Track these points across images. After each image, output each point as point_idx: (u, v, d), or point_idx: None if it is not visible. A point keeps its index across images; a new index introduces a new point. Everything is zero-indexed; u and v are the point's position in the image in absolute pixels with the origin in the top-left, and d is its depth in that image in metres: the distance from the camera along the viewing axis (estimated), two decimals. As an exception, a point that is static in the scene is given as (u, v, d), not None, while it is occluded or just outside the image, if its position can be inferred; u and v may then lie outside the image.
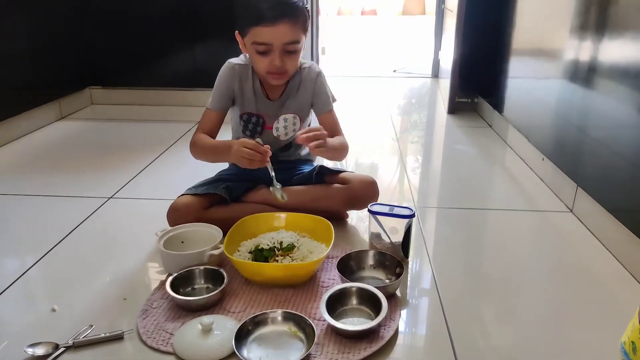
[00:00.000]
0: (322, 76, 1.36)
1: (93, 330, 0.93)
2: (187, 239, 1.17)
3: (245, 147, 1.13)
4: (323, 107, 1.37)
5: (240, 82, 1.31)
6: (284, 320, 0.93)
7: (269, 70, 1.21)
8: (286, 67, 1.21)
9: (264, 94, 1.32)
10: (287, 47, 1.18)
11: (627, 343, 0.79)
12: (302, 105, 1.35)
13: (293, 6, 1.17)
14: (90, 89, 2.62)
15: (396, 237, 1.15)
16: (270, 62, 1.19)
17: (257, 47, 1.18)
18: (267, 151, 1.14)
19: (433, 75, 3.44)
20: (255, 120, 1.34)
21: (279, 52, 1.18)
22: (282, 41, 1.17)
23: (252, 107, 1.33)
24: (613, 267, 1.17)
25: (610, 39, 1.28)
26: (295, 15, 1.16)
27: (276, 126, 1.35)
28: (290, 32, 1.17)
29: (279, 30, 1.15)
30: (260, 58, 1.20)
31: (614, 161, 1.23)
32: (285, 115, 1.34)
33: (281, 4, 1.15)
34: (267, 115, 1.34)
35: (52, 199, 1.52)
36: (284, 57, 1.19)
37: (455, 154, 2.00)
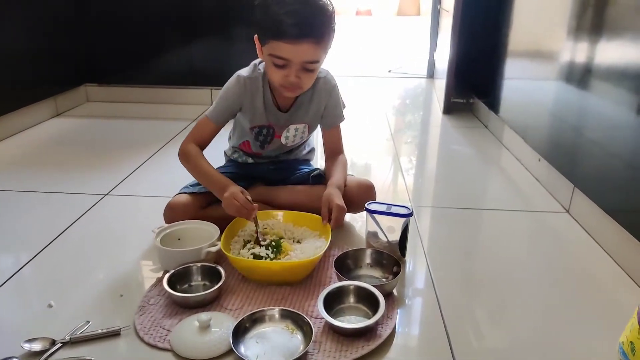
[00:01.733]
0: (337, 89, 1.32)
1: (90, 326, 0.93)
2: (184, 236, 1.17)
3: (235, 199, 1.10)
4: (332, 122, 1.35)
5: (251, 96, 1.25)
6: (281, 317, 0.93)
7: (283, 84, 1.16)
8: (302, 83, 1.16)
9: (275, 105, 1.27)
10: (306, 66, 1.12)
11: (626, 343, 0.80)
12: (313, 117, 1.32)
13: (318, 26, 1.09)
14: (86, 86, 2.61)
15: (393, 235, 1.16)
16: (285, 76, 1.13)
17: (274, 60, 1.12)
18: (254, 208, 1.11)
19: (428, 75, 3.45)
20: (266, 131, 1.31)
21: (296, 68, 1.12)
22: (302, 59, 1.11)
23: (262, 120, 1.29)
24: (609, 268, 1.18)
25: (607, 41, 1.29)
26: (319, 35, 1.09)
27: (286, 135, 1.32)
28: (311, 52, 1.10)
29: (301, 48, 1.08)
30: (276, 70, 1.14)
31: (611, 162, 1.24)
32: (296, 125, 1.32)
33: (307, 24, 1.07)
34: (278, 125, 1.30)
35: (48, 195, 1.51)
36: (301, 73, 1.13)
37: (450, 154, 2.01)
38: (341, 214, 1.17)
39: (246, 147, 1.37)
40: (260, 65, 1.27)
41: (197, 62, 2.53)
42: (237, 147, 1.40)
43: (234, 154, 1.45)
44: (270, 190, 1.35)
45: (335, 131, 1.37)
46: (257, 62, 1.28)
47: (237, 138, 1.39)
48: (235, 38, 2.47)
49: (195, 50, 2.51)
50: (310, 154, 1.50)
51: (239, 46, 2.47)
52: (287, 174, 1.38)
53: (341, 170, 1.32)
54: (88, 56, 2.54)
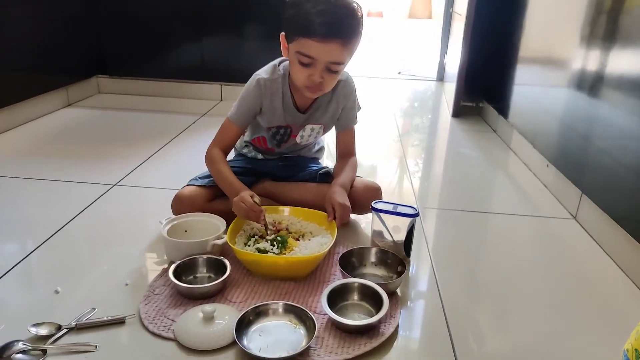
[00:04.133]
0: (355, 92, 1.34)
1: (95, 313, 0.94)
2: (191, 228, 1.18)
3: (243, 202, 1.12)
4: (347, 124, 1.36)
5: (270, 98, 1.26)
6: (285, 312, 0.94)
7: (306, 84, 1.16)
8: (324, 84, 1.16)
9: (294, 106, 1.28)
10: (331, 67, 1.13)
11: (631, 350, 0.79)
12: (330, 119, 1.33)
13: (348, 28, 1.10)
14: (98, 78, 2.63)
15: (398, 235, 1.16)
16: (309, 75, 1.14)
17: (300, 58, 1.12)
18: (261, 210, 1.13)
19: (438, 78, 3.44)
20: (283, 131, 1.32)
21: (321, 68, 1.12)
22: (328, 59, 1.11)
23: (280, 121, 1.29)
24: (615, 275, 1.18)
25: (619, 49, 1.28)
26: (347, 37, 1.11)
27: (301, 134, 1.33)
28: (338, 53, 1.11)
29: (328, 47, 1.09)
30: (300, 68, 1.14)
31: (619, 170, 1.23)
32: (312, 125, 1.32)
33: (337, 23, 1.08)
34: (295, 125, 1.31)
35: (57, 183, 1.53)
36: (325, 74, 1.14)
37: (458, 158, 2.01)
38: (345, 212, 1.18)
39: (260, 142, 1.38)
40: (281, 66, 1.27)
41: (207, 58, 2.54)
42: (250, 141, 1.41)
43: (244, 149, 1.45)
44: (277, 186, 1.36)
45: (349, 133, 1.38)
46: (277, 63, 1.28)
47: (251, 133, 1.39)
48: (246, 35, 2.48)
49: (206, 46, 2.52)
50: (319, 152, 1.51)
51: (250, 43, 2.48)
52: (296, 171, 1.39)
53: (349, 171, 1.32)
54: (100, 48, 2.56)
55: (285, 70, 1.25)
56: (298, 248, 1.10)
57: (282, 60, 1.28)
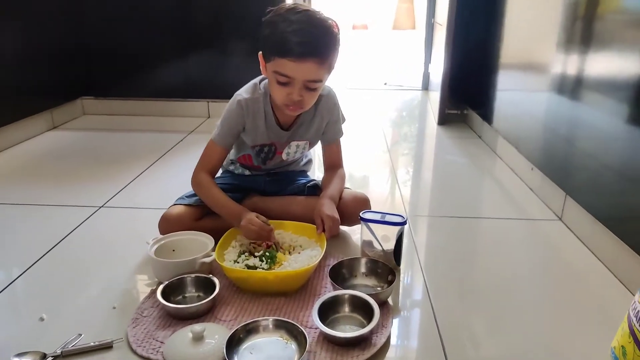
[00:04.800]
0: (338, 105, 1.34)
1: (82, 339, 0.92)
2: (179, 247, 1.17)
3: (252, 225, 1.13)
4: (332, 137, 1.36)
5: (252, 117, 1.25)
6: (275, 328, 0.93)
7: (285, 102, 1.17)
8: (304, 102, 1.17)
9: (277, 124, 1.28)
10: (308, 84, 1.13)
11: (617, 347, 0.80)
12: (315, 134, 1.33)
13: (323, 46, 1.10)
14: (83, 100, 2.61)
15: (388, 244, 1.16)
16: (288, 94, 1.14)
17: (277, 77, 1.13)
18: (271, 229, 1.15)
19: (423, 87, 3.47)
20: (268, 149, 1.32)
21: (299, 86, 1.13)
22: (305, 78, 1.12)
23: (264, 139, 1.29)
24: (602, 274, 1.18)
25: (596, 53, 1.31)
26: (324, 55, 1.11)
27: (287, 151, 1.33)
28: (315, 71, 1.11)
29: (304, 67, 1.09)
30: (279, 88, 1.14)
31: (601, 171, 1.24)
32: (297, 142, 1.32)
33: (312, 43, 1.08)
34: (280, 143, 1.31)
35: (43, 207, 1.51)
36: (304, 92, 1.14)
37: (445, 165, 2.02)
38: (334, 224, 1.17)
39: (246, 160, 1.38)
40: (262, 84, 1.27)
41: (193, 75, 2.55)
42: (236, 159, 1.41)
43: (230, 166, 1.45)
44: (265, 201, 1.35)
45: (335, 146, 1.38)
46: (257, 81, 1.28)
47: (236, 152, 1.39)
48: (231, 52, 2.49)
49: (192, 63, 2.53)
50: (307, 165, 1.51)
51: (235, 60, 2.49)
52: (284, 185, 1.39)
53: (337, 183, 1.32)
54: (85, 69, 2.55)
55: (266, 88, 1.25)
56: (287, 262, 1.10)
57: (262, 79, 1.28)
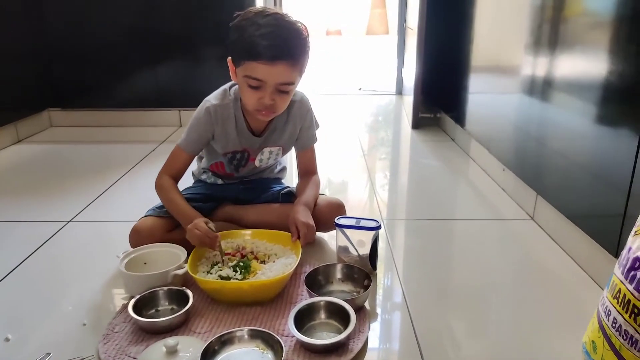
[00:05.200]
0: (312, 112, 1.33)
1: (51, 358, 0.89)
2: (150, 260, 1.14)
3: (197, 229, 1.09)
4: (306, 144, 1.35)
5: (222, 124, 1.24)
6: (251, 338, 0.91)
7: (257, 107, 1.15)
8: (276, 106, 1.15)
9: (248, 130, 1.26)
10: (280, 87, 1.13)
11: (588, 342, 0.81)
12: (288, 140, 1.32)
13: (293, 48, 1.10)
14: (50, 111, 2.55)
15: (363, 249, 1.16)
16: (259, 98, 1.13)
17: (248, 81, 1.11)
18: (216, 237, 1.10)
19: (397, 92, 3.51)
20: (240, 156, 1.30)
21: (271, 90, 1.12)
22: (276, 81, 1.11)
23: (236, 146, 1.27)
24: (573, 270, 1.21)
25: (563, 55, 1.34)
26: (294, 57, 1.10)
27: (260, 158, 1.32)
28: (286, 74, 1.11)
29: (276, 69, 1.09)
30: (250, 92, 1.13)
31: (571, 170, 1.27)
32: (270, 148, 1.31)
33: (282, 46, 1.08)
34: (252, 149, 1.29)
35: (8, 224, 1.46)
36: (276, 95, 1.13)
37: (420, 168, 2.04)
38: (309, 231, 1.16)
39: (218, 168, 1.36)
40: (232, 90, 1.26)
41: (163, 84, 2.51)
42: (208, 168, 1.39)
43: (202, 175, 1.43)
44: (239, 210, 1.34)
45: (309, 152, 1.38)
46: (227, 87, 1.27)
47: (208, 160, 1.37)
48: (201, 58, 2.47)
49: (161, 72, 2.49)
50: (281, 172, 1.50)
51: (206, 67, 2.47)
52: (258, 193, 1.37)
53: (312, 189, 1.31)
54: (50, 80, 2.49)
55: (237, 94, 1.24)
56: (262, 271, 1.08)
57: (232, 84, 1.27)
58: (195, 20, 2.42)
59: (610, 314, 0.75)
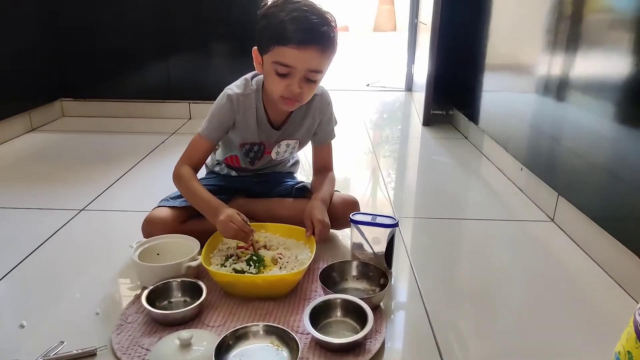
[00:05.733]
0: (331, 107, 1.31)
1: (64, 347, 0.88)
2: (163, 250, 1.13)
3: (232, 222, 1.06)
4: (324, 139, 1.34)
5: (243, 113, 1.21)
6: (266, 334, 0.90)
7: (283, 95, 1.12)
8: (303, 94, 1.13)
9: (267, 122, 1.24)
10: (309, 75, 1.10)
11: (622, 353, 0.78)
12: (306, 133, 1.30)
13: (325, 34, 1.08)
14: (62, 101, 2.55)
15: (378, 247, 1.14)
16: (287, 86, 1.10)
17: (277, 68, 1.09)
18: (252, 231, 1.09)
19: (407, 88, 3.48)
20: (257, 148, 1.28)
21: (299, 77, 1.09)
22: (307, 67, 1.08)
23: (254, 138, 1.25)
24: (597, 275, 1.18)
25: (582, 53, 1.31)
26: (325, 44, 1.08)
27: (277, 151, 1.30)
28: (317, 60, 1.08)
29: (306, 54, 1.07)
30: (278, 80, 1.11)
31: (596, 170, 1.24)
32: (288, 141, 1.29)
33: (313, 30, 1.06)
34: (269, 142, 1.28)
35: (22, 211, 1.46)
36: (303, 83, 1.11)
37: (431, 166, 2.01)
38: (324, 229, 1.15)
39: (233, 161, 1.34)
40: (254, 81, 1.23)
41: (174, 76, 2.50)
42: (222, 160, 1.37)
43: (215, 167, 1.41)
44: (252, 203, 1.32)
45: (326, 148, 1.36)
46: (249, 77, 1.25)
47: (224, 152, 1.35)
48: (213, 53, 2.46)
49: (173, 64, 2.48)
50: (294, 166, 1.48)
51: (217, 61, 2.45)
52: (271, 186, 1.36)
53: (328, 186, 1.29)
54: (63, 71, 2.48)
55: (259, 85, 1.22)
56: (277, 266, 1.07)
57: (254, 75, 1.25)
58: (208, 14, 2.40)
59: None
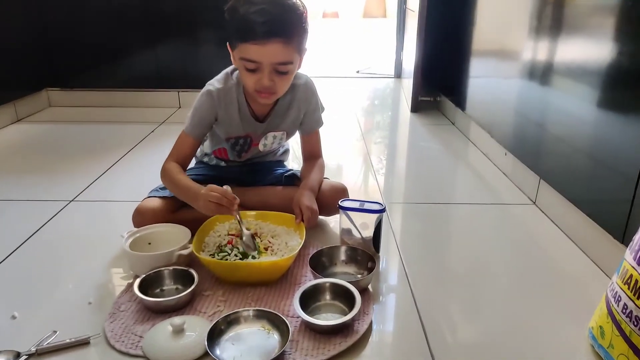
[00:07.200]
0: (317, 96, 1.31)
1: (57, 336, 0.89)
2: (155, 240, 1.14)
3: (213, 191, 1.06)
4: (311, 128, 1.34)
5: (225, 108, 1.21)
6: (257, 318, 0.92)
7: (257, 89, 1.12)
8: (276, 87, 1.12)
9: (251, 115, 1.24)
10: (278, 68, 1.09)
11: (595, 328, 0.81)
12: (292, 124, 1.30)
13: (287, 24, 1.06)
14: (48, 91, 2.52)
15: (367, 232, 1.16)
16: (258, 80, 1.10)
17: (245, 64, 1.09)
18: (234, 198, 1.07)
19: (396, 75, 3.49)
20: (243, 141, 1.28)
21: (268, 71, 1.09)
22: (272, 61, 1.07)
23: (239, 131, 1.25)
24: (576, 255, 1.21)
25: (566, 39, 1.33)
26: (288, 34, 1.06)
27: (264, 142, 1.30)
28: (281, 53, 1.07)
29: (269, 49, 1.05)
30: (249, 75, 1.10)
31: (576, 155, 1.27)
32: (274, 132, 1.29)
33: (274, 22, 1.04)
34: (255, 134, 1.28)
35: (9, 203, 1.45)
36: (274, 76, 1.10)
37: (420, 152, 2.04)
38: (312, 216, 1.16)
39: (221, 153, 1.35)
40: (234, 75, 1.23)
41: (162, 64, 2.48)
42: (210, 153, 1.38)
43: (204, 157, 1.42)
44: (242, 192, 1.32)
45: (314, 136, 1.36)
46: (229, 71, 1.25)
47: (212, 145, 1.36)
48: (202, 40, 2.44)
49: (161, 52, 2.47)
50: (284, 155, 1.49)
51: (207, 48, 2.44)
52: (261, 176, 1.37)
53: (317, 173, 1.30)
54: (49, 59, 2.45)
55: (239, 78, 1.22)
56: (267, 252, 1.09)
57: (234, 69, 1.24)
58: (196, 1, 2.38)
59: (621, 300, 0.75)
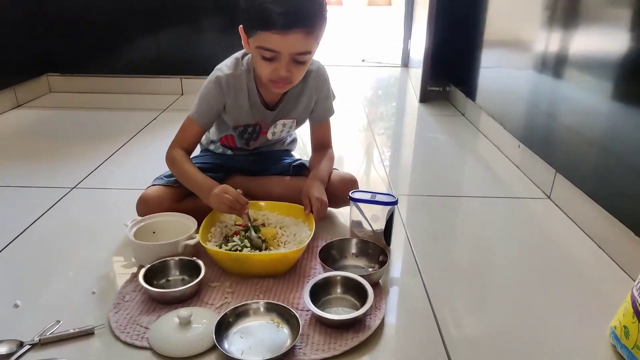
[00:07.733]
0: (329, 83, 1.27)
1: (60, 326, 0.87)
2: (159, 229, 1.11)
3: (226, 193, 1.04)
4: (322, 116, 1.30)
5: (234, 96, 1.17)
6: (266, 311, 0.89)
7: (272, 78, 1.08)
8: (292, 77, 1.09)
9: (261, 103, 1.20)
10: (297, 57, 1.05)
11: (619, 327, 0.78)
12: (302, 112, 1.26)
13: (310, 15, 1.02)
14: (48, 76, 2.48)
15: (377, 224, 1.13)
16: (274, 69, 1.06)
17: (262, 52, 1.04)
18: (247, 202, 1.06)
19: (403, 64, 3.44)
20: (252, 129, 1.25)
21: (286, 61, 1.05)
22: (292, 51, 1.03)
23: (248, 119, 1.22)
24: (593, 251, 1.18)
25: (580, 30, 1.29)
26: (310, 25, 1.02)
27: (273, 131, 1.27)
28: (302, 43, 1.03)
29: (290, 39, 1.01)
30: (264, 64, 1.06)
31: (594, 148, 1.23)
32: (284, 120, 1.26)
33: (296, 12, 1.00)
34: (265, 122, 1.24)
35: (10, 189, 1.42)
36: (291, 66, 1.06)
37: (428, 143, 2.00)
38: (322, 207, 1.13)
39: (229, 140, 1.31)
40: (244, 60, 1.19)
41: (164, 50, 2.44)
42: (217, 140, 1.34)
43: (210, 145, 1.39)
44: (249, 181, 1.30)
45: (325, 125, 1.33)
46: (239, 56, 1.20)
47: (218, 132, 1.32)
48: (205, 25, 2.39)
49: (163, 38, 2.42)
50: (292, 144, 1.45)
51: (210, 34, 2.39)
52: (268, 165, 1.33)
53: (327, 164, 1.27)
54: (49, 44, 2.41)
55: (249, 64, 1.17)
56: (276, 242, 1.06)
57: (245, 53, 1.20)
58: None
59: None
